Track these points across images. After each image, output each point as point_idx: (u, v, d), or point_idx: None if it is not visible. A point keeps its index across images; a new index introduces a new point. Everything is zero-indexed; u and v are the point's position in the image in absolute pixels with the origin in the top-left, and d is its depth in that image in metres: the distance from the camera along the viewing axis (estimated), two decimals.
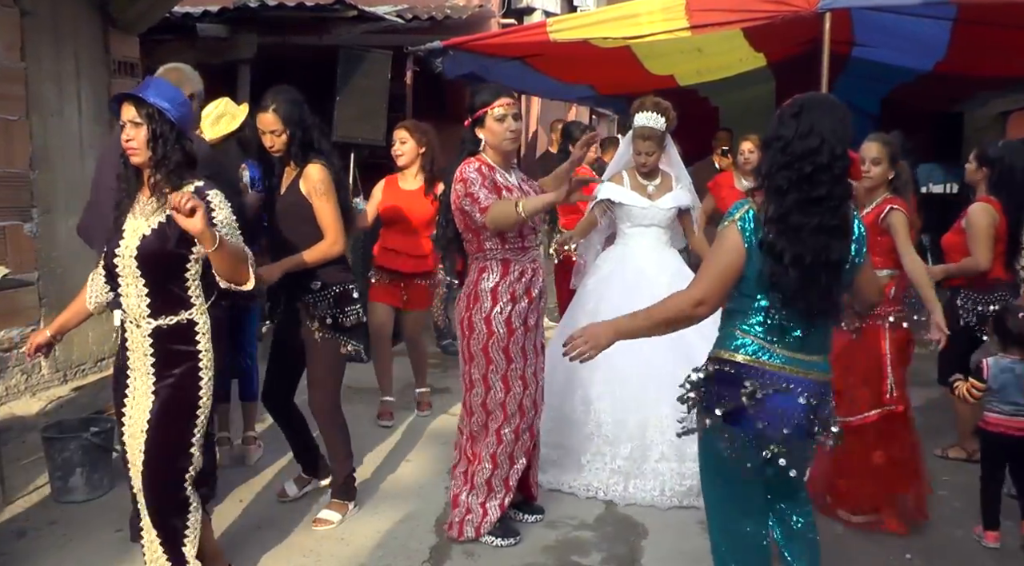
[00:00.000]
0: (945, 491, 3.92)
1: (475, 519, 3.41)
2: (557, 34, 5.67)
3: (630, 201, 4.18)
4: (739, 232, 2.26)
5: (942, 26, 5.40)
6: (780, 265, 2.20)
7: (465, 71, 6.48)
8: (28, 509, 3.68)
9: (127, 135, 2.62)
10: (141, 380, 2.74)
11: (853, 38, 6.04)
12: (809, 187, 2.18)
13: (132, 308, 2.70)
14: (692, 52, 6.45)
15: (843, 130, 2.20)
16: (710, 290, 2.29)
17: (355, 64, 6.85)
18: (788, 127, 2.22)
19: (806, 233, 2.18)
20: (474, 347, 3.32)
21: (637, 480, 3.82)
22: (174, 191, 2.59)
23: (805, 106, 2.23)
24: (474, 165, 3.27)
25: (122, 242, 2.69)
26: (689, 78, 7.46)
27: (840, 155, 2.18)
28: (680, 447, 3.74)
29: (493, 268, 3.30)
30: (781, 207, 2.20)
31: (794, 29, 5.48)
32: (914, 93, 7.29)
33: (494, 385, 3.33)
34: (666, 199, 4.17)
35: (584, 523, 3.62)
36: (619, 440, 3.89)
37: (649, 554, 3.38)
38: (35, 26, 4.78)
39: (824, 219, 2.19)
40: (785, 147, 2.21)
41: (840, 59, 6.04)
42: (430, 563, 3.28)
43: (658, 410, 3.84)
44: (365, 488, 3.96)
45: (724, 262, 2.28)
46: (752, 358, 2.28)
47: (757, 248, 2.24)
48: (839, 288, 2.26)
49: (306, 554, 3.33)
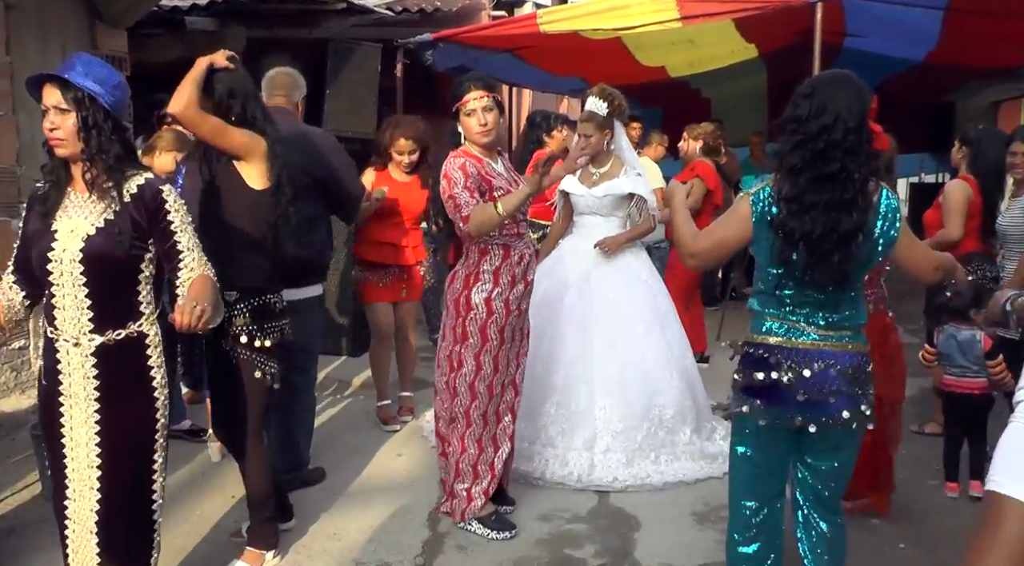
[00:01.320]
0: (938, 480, 3.93)
1: (460, 504, 3.43)
2: (547, 26, 5.66)
3: (572, 189, 4.26)
4: (750, 206, 2.31)
5: (934, 16, 5.39)
6: (789, 243, 2.23)
7: (455, 64, 6.46)
8: (17, 507, 3.66)
9: (51, 123, 2.29)
10: (79, 408, 2.35)
11: (845, 28, 6.03)
12: (823, 163, 2.19)
13: (69, 323, 2.32)
14: (683, 43, 6.44)
15: (859, 104, 2.21)
16: (705, 250, 2.41)
17: (345, 57, 6.82)
18: (802, 107, 2.24)
19: (817, 210, 2.20)
20: (470, 326, 3.33)
21: (591, 468, 3.87)
22: (117, 187, 2.32)
23: (817, 85, 2.26)
24: (458, 161, 3.28)
25: (56, 244, 2.32)
26: (680, 69, 7.46)
27: (854, 128, 2.19)
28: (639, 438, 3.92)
29: (495, 251, 3.33)
30: (796, 187, 2.22)
31: (786, 20, 5.47)
32: (906, 84, 7.30)
33: (485, 365, 3.35)
34: (602, 187, 4.18)
35: (577, 516, 3.62)
36: (573, 429, 3.96)
37: (642, 546, 3.37)
38: (21, 20, 4.74)
39: (835, 194, 2.20)
40: (799, 127, 2.23)
41: (832, 50, 6.04)
42: (423, 557, 3.27)
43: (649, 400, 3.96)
44: (357, 483, 3.96)
45: (726, 231, 2.38)
46: (784, 339, 2.32)
47: (767, 227, 2.27)
48: (850, 261, 2.25)
49: (298, 550, 3.31)
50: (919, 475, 3.99)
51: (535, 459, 3.95)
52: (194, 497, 3.77)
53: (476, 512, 3.42)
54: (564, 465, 3.91)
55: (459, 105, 3.30)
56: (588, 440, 3.95)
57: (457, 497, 3.45)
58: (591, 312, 4.12)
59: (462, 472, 3.43)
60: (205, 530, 3.46)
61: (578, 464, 3.89)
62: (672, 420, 4.04)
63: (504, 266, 3.33)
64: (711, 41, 6.45)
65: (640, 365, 4.06)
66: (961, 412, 3.81)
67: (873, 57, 6.42)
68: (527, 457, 3.94)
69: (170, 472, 3.94)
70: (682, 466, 3.96)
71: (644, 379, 4.05)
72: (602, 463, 3.89)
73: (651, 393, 4.04)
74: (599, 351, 4.06)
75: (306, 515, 3.59)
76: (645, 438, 3.97)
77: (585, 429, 3.96)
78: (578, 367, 4.04)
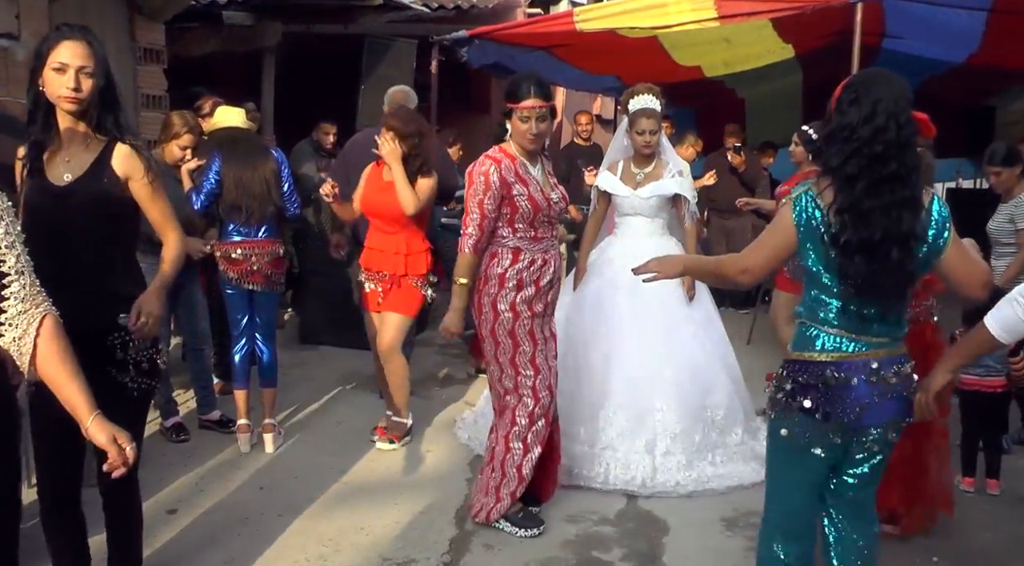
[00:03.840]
0: (973, 492, 3.85)
1: (489, 503, 3.43)
2: (584, 24, 5.63)
3: (615, 190, 4.22)
4: (791, 212, 2.26)
5: (977, 17, 5.28)
6: (848, 254, 2.17)
7: (490, 61, 6.46)
8: None
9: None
10: None
11: (884, 30, 5.94)
12: (881, 166, 2.14)
13: None
14: (720, 43, 6.39)
15: (904, 97, 2.17)
16: (756, 263, 2.36)
17: (380, 53, 6.85)
18: (850, 114, 2.17)
19: (877, 214, 2.14)
20: (483, 329, 3.39)
21: (654, 472, 3.83)
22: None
23: (860, 88, 2.19)
24: (486, 167, 3.28)
25: None
26: (716, 69, 7.40)
27: (905, 122, 2.15)
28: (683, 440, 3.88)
29: (504, 255, 3.35)
30: (851, 195, 2.16)
31: (824, 20, 5.40)
32: (945, 86, 7.16)
33: (505, 367, 3.37)
34: (647, 188, 4.15)
35: (605, 518, 3.60)
36: (633, 431, 3.91)
37: (671, 551, 3.35)
38: (63, 13, 4.79)
39: (895, 194, 2.15)
40: (852, 134, 2.16)
41: (870, 51, 5.95)
42: (450, 555, 3.27)
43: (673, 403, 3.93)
44: (384, 478, 3.97)
45: (774, 240, 2.33)
46: (834, 355, 2.25)
47: (813, 234, 2.21)
48: (914, 261, 2.20)
49: (325, 543, 3.33)
50: (955, 489, 3.89)
51: (595, 463, 3.90)
52: (223, 487, 3.80)
53: (502, 514, 3.41)
54: (627, 469, 3.85)
55: (515, 107, 3.28)
56: (649, 443, 3.89)
57: (488, 494, 3.44)
58: (645, 313, 4.08)
59: (495, 467, 3.42)
60: (234, 520, 3.49)
61: (640, 468, 3.83)
62: (724, 420, 4.01)
63: (511, 270, 3.33)
64: (748, 40, 6.39)
65: (692, 366, 4.03)
66: (982, 409, 3.85)
67: (912, 59, 6.31)
68: (588, 460, 3.90)
69: (200, 462, 4.02)
70: (736, 468, 3.92)
71: (697, 380, 4.02)
72: (663, 467, 3.84)
73: (704, 394, 4.01)
74: (655, 352, 4.02)
75: (333, 509, 3.61)
76: (702, 439, 3.93)
77: (645, 431, 3.91)
78: (637, 369, 4.00)
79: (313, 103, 6.25)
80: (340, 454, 4.20)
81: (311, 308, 6.34)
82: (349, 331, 6.07)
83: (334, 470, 4.01)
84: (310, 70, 7.26)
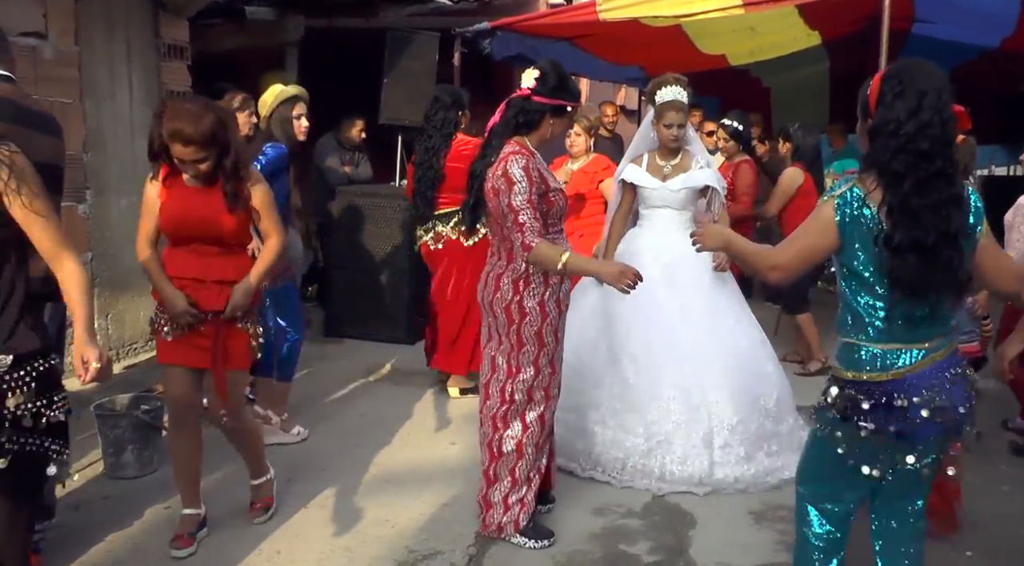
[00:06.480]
0: (1008, 486, 3.78)
1: (497, 515, 3.28)
2: (606, 13, 5.58)
3: (642, 182, 4.15)
4: (834, 210, 2.15)
5: None
6: (900, 255, 2.07)
7: (513, 52, 6.43)
8: (83, 484, 3.75)
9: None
10: None
11: (914, 14, 5.82)
12: (927, 163, 2.06)
13: None
14: (745, 31, 6.31)
15: (947, 91, 2.08)
16: (789, 261, 2.25)
17: (402, 46, 6.84)
18: (896, 108, 2.08)
19: (926, 212, 2.06)
20: (524, 332, 3.16)
21: (744, 464, 3.78)
22: None
23: (905, 80, 2.09)
24: (522, 161, 3.07)
25: None
26: (741, 58, 7.32)
27: (948, 118, 2.07)
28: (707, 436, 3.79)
29: None
30: (899, 193, 2.08)
31: (852, 5, 5.32)
32: (978, 72, 7.01)
33: (543, 369, 3.21)
34: (677, 180, 4.08)
35: (631, 511, 3.57)
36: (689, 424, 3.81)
37: (697, 544, 3.32)
38: (88, 11, 4.84)
39: (942, 192, 2.07)
40: (898, 129, 2.07)
41: (900, 37, 5.84)
42: (475, 547, 3.26)
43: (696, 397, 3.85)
44: (410, 471, 3.97)
45: (810, 240, 2.22)
46: (879, 374, 2.15)
47: (860, 234, 2.13)
48: (962, 262, 2.12)
49: (351, 535, 3.33)
50: (989, 482, 3.83)
51: (652, 456, 3.80)
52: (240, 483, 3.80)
53: (517, 523, 3.27)
54: (683, 465, 3.76)
55: (571, 107, 3.28)
56: (706, 436, 3.79)
57: (501, 507, 3.28)
58: (688, 303, 4.00)
59: (519, 480, 3.27)
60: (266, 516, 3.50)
61: (697, 464, 3.74)
62: (775, 409, 3.92)
63: None
64: (773, 28, 6.30)
65: (739, 355, 3.96)
66: None
67: (944, 44, 6.17)
68: (644, 453, 3.80)
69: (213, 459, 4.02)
70: (790, 459, 3.73)
71: (746, 368, 3.94)
72: (721, 460, 3.76)
73: (755, 382, 3.93)
74: (704, 342, 3.93)
75: (359, 501, 3.62)
76: (758, 428, 3.85)
77: (700, 424, 3.80)
78: (688, 360, 3.90)
79: (336, 97, 6.25)
80: (364, 446, 4.21)
81: (335, 301, 6.37)
82: (373, 323, 6.11)
83: (359, 462, 4.02)
84: (333, 64, 7.27)
